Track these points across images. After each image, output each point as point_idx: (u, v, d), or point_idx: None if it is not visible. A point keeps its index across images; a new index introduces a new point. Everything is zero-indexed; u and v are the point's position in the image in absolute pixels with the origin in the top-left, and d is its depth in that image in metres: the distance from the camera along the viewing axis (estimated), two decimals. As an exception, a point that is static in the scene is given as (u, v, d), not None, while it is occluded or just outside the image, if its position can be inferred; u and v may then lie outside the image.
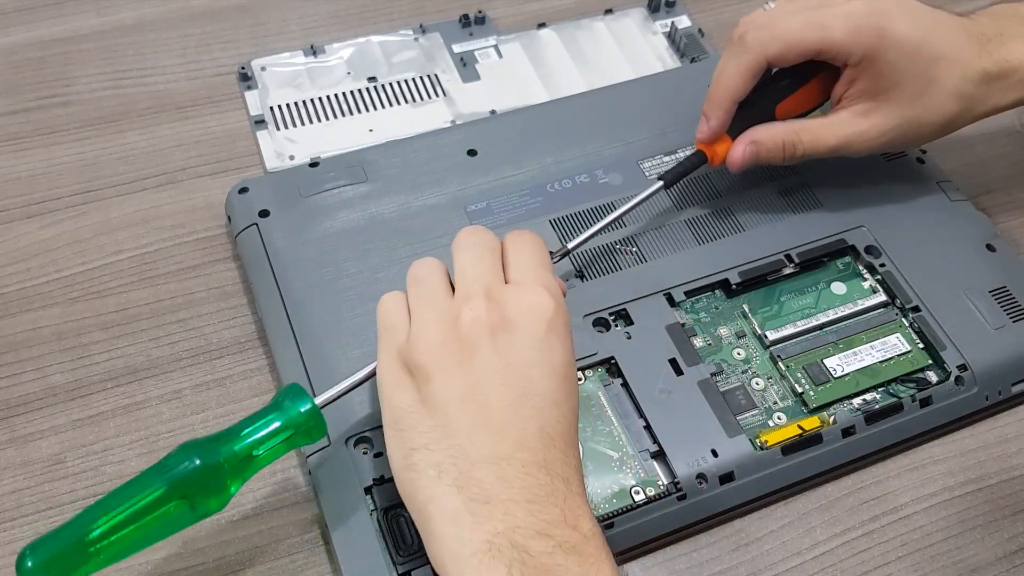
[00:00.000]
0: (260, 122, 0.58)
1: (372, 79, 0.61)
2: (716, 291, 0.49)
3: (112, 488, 0.44)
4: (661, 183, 0.48)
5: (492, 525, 0.33)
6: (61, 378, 0.47)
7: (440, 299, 0.38)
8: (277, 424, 0.38)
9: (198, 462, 0.36)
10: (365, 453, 0.42)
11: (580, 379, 0.45)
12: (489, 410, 0.35)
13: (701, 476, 0.42)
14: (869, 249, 0.50)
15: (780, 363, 0.46)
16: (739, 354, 0.47)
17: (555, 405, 0.36)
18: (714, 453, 0.43)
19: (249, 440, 0.37)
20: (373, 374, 0.39)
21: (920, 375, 0.47)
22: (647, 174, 0.53)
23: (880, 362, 0.47)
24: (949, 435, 0.47)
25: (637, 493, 0.42)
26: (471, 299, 0.37)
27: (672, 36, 0.64)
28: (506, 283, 0.38)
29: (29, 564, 0.34)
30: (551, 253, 0.42)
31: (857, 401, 0.46)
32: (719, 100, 0.48)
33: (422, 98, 0.60)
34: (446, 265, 0.40)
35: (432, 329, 0.36)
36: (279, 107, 0.59)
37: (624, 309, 0.47)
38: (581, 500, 0.35)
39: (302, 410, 0.38)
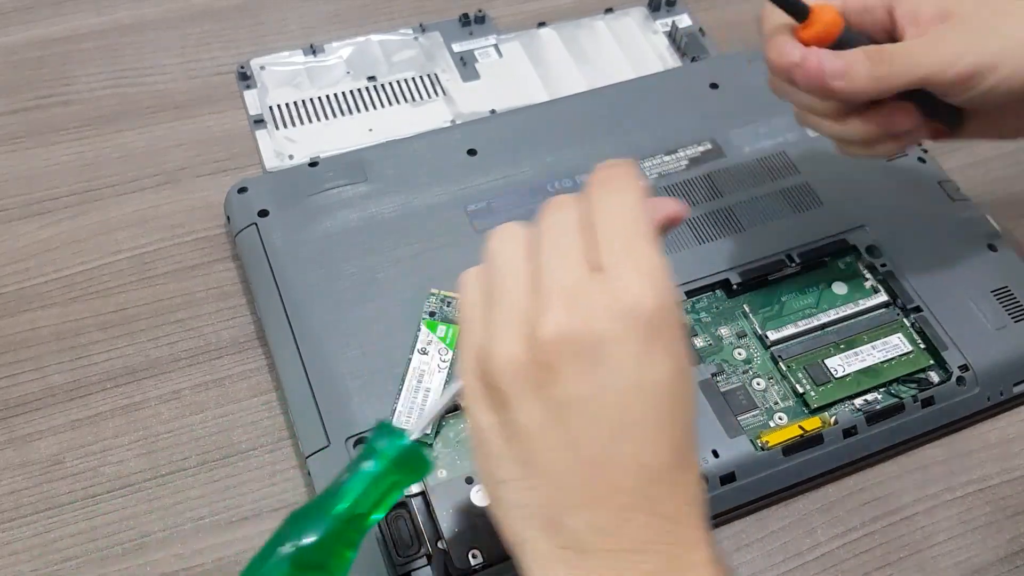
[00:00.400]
0: (259, 121, 0.58)
1: (372, 78, 0.60)
2: (716, 291, 0.49)
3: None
4: None
5: (597, 565, 0.29)
6: (60, 378, 0.47)
7: (518, 296, 0.30)
8: (377, 472, 0.33)
9: (310, 540, 0.32)
10: (365, 454, 0.42)
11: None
12: (577, 447, 0.29)
13: (702, 477, 0.42)
14: (870, 249, 0.50)
15: (781, 363, 0.46)
16: (740, 354, 0.47)
17: (658, 431, 0.29)
18: (715, 454, 0.43)
19: (353, 498, 0.33)
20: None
21: (921, 375, 0.47)
22: (648, 174, 0.53)
23: (881, 362, 0.46)
24: (951, 435, 0.47)
25: (638, 494, 0.42)
26: (549, 308, 0.29)
27: (673, 35, 0.64)
28: (598, 267, 0.30)
29: None
30: None
31: (858, 401, 0.46)
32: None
33: (422, 98, 0.60)
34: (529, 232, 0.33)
35: (508, 341, 0.30)
36: (278, 106, 0.59)
37: (624, 309, 0.47)
38: (696, 538, 0.30)
39: (399, 451, 0.33)
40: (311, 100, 0.59)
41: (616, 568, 0.29)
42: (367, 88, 0.60)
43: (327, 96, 0.59)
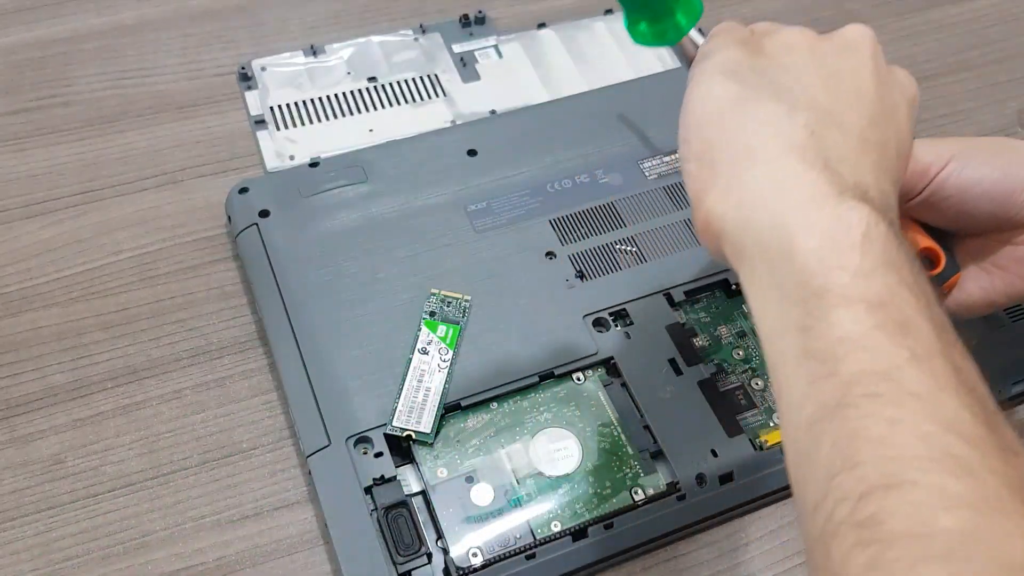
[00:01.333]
0: (260, 122, 0.58)
1: (372, 79, 0.61)
2: (715, 291, 0.49)
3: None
4: None
5: (848, 175, 0.29)
6: (61, 378, 0.47)
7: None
8: None
9: None
10: (365, 453, 0.42)
11: (581, 379, 0.45)
12: (852, 97, 0.32)
13: (701, 476, 0.42)
14: (869, 249, 0.50)
15: (780, 363, 0.46)
16: (739, 354, 0.47)
17: (909, 141, 0.34)
18: (714, 453, 0.43)
19: None
20: None
21: (920, 375, 0.47)
22: (647, 174, 0.53)
23: (880, 362, 0.47)
24: (949, 435, 0.47)
25: (637, 493, 0.42)
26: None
27: (672, 36, 0.64)
28: None
29: None
30: None
31: (857, 401, 0.46)
32: None
33: (422, 98, 0.60)
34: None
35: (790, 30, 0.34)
36: (279, 107, 0.59)
37: (624, 309, 0.47)
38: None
39: None
40: (312, 101, 0.59)
41: (866, 176, 0.30)
42: (368, 89, 0.60)
43: (328, 97, 0.59)
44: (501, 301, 0.47)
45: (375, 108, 0.59)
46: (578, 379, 0.45)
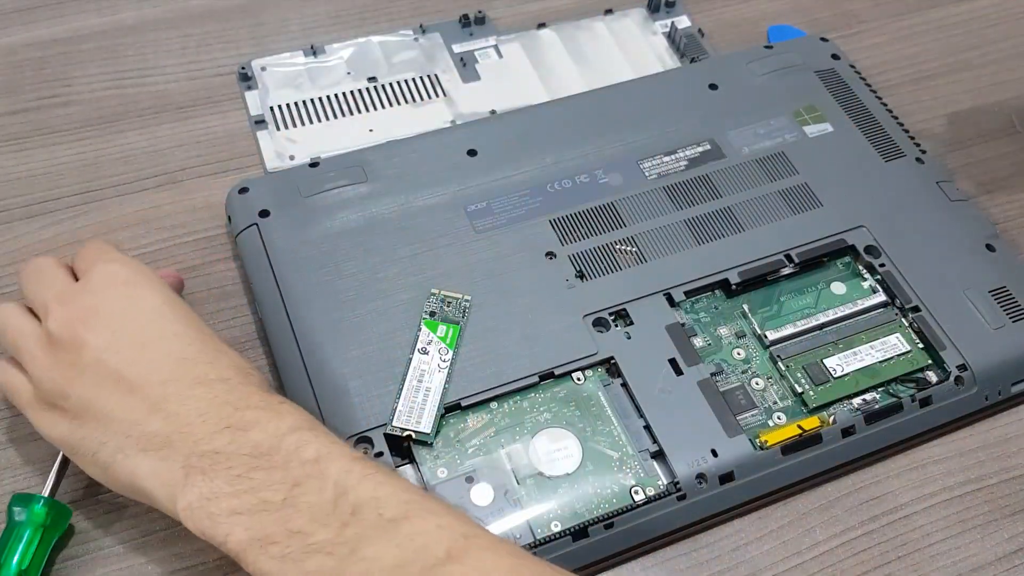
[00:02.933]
0: (260, 122, 0.58)
1: (372, 79, 0.61)
2: (716, 291, 0.49)
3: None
4: None
5: (182, 453, 0.37)
6: (61, 378, 0.47)
7: (30, 329, 0.41)
8: (24, 534, 0.40)
9: None
10: (365, 453, 0.42)
11: (581, 379, 0.45)
12: (125, 377, 0.38)
13: (701, 476, 0.42)
14: (869, 249, 0.50)
15: (780, 363, 0.46)
16: (739, 354, 0.47)
17: (176, 336, 0.40)
18: (714, 453, 0.43)
19: (12, 562, 0.40)
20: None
21: (920, 375, 0.47)
22: (647, 174, 0.53)
23: (880, 362, 0.47)
24: (949, 435, 0.47)
25: (637, 493, 0.42)
26: (48, 309, 0.40)
27: (672, 36, 0.64)
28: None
29: None
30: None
31: (857, 401, 0.46)
32: None
33: (422, 98, 0.60)
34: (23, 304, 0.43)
35: (39, 358, 0.40)
36: (279, 107, 0.59)
37: (624, 309, 0.47)
38: (251, 389, 0.38)
39: (36, 510, 0.41)
40: (312, 101, 0.59)
41: (196, 433, 0.37)
42: (368, 89, 0.60)
43: (328, 97, 0.60)
44: (501, 301, 0.47)
45: (375, 108, 0.59)
46: (578, 379, 0.45)
